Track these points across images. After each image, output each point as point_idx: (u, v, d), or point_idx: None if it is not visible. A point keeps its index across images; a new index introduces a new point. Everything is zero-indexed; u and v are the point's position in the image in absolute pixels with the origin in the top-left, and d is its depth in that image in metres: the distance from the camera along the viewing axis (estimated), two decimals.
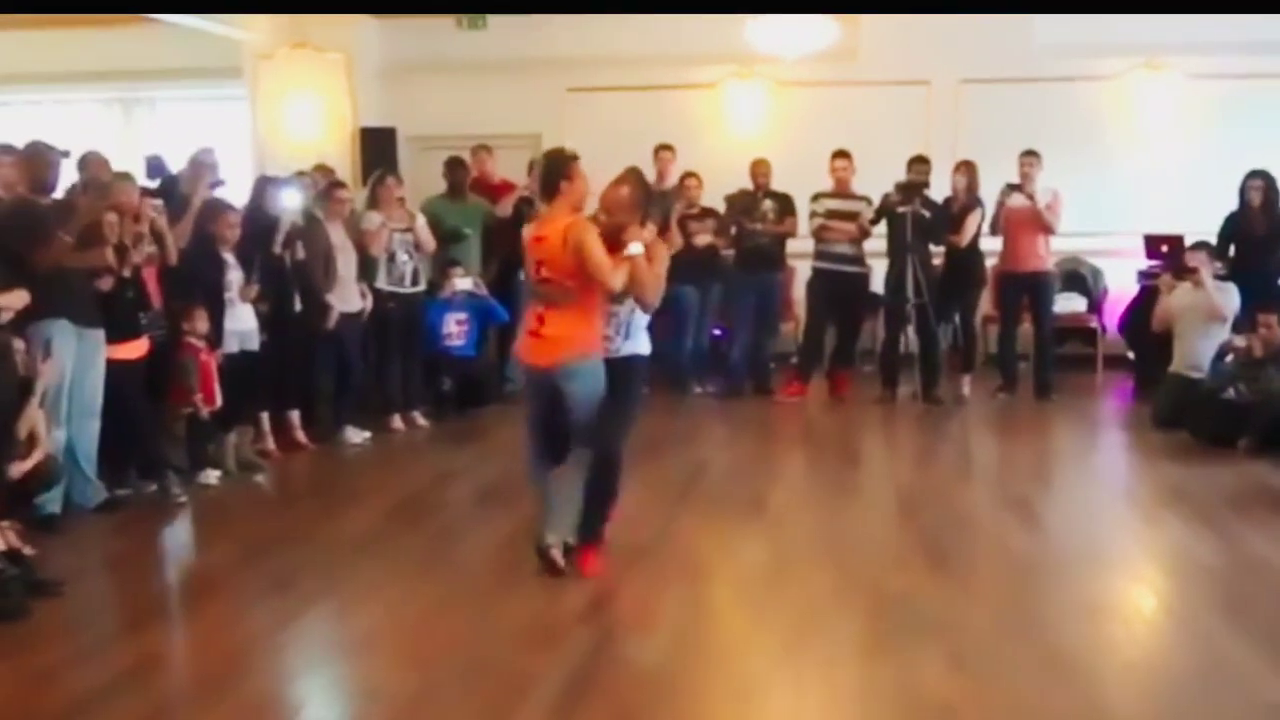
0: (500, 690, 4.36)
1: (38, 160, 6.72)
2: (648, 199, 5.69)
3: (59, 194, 7.01)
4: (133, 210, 7.22)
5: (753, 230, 10.33)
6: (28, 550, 5.81)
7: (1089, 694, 4.29)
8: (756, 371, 10.52)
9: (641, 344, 5.76)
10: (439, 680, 4.53)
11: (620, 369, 5.60)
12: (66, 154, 6.80)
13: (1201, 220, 9.88)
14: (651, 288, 5.51)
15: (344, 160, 11.44)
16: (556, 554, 5.53)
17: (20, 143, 7.08)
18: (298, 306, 8.35)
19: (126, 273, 6.99)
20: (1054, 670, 4.48)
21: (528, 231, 5.82)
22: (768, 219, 10.35)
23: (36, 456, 6.24)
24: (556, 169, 5.61)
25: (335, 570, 5.89)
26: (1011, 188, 9.87)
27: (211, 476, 7.54)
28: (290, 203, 8.28)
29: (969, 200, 9.89)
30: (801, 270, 10.70)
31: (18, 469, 6.17)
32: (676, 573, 5.74)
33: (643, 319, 5.71)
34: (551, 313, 5.47)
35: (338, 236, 8.67)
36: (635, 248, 5.41)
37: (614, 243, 5.42)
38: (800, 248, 10.55)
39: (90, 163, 7.76)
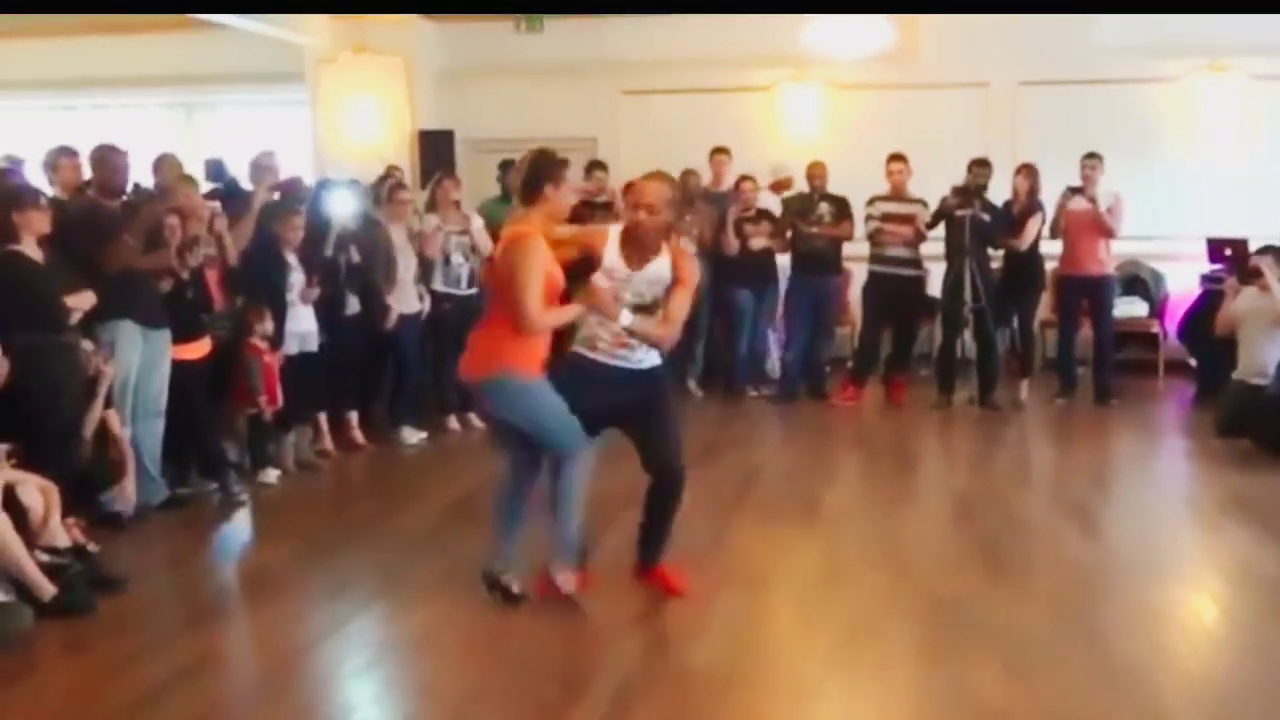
0: (554, 691, 4.38)
1: (105, 163, 6.85)
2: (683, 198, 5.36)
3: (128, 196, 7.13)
4: (193, 213, 7.33)
5: (809, 233, 10.31)
6: (92, 546, 5.91)
7: (1147, 705, 4.25)
8: (812, 375, 10.49)
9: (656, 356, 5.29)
10: (493, 681, 4.56)
11: (649, 383, 5.24)
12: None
13: (1266, 224, 9.78)
14: (660, 335, 5.08)
15: (403, 163, 11.53)
16: (512, 582, 5.23)
17: (85, 146, 7.22)
18: (353, 308, 8.44)
19: (185, 274, 7.09)
20: (1112, 680, 4.45)
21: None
22: (824, 222, 10.33)
23: (129, 480, 6.42)
24: (543, 171, 5.02)
25: (392, 570, 5.93)
26: (1073, 190, 9.78)
27: (271, 476, 7.64)
28: (342, 207, 8.37)
29: (1030, 204, 9.82)
30: (858, 274, 10.66)
31: (121, 497, 6.36)
32: (731, 576, 5.74)
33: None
34: (484, 321, 5.19)
35: (399, 238, 8.74)
36: (600, 279, 5.01)
37: (644, 249, 5.06)
38: (856, 251, 10.52)
39: (164, 165, 7.89)
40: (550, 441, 5.06)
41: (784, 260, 10.51)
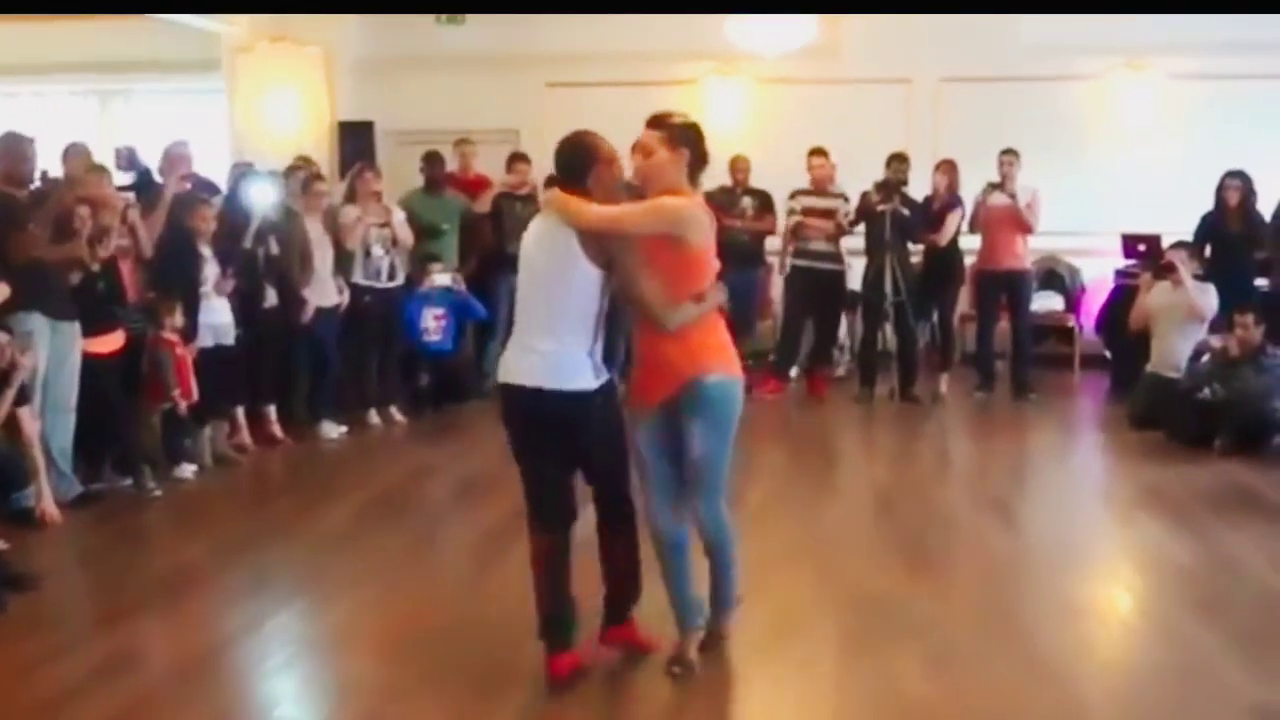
0: (475, 687, 4.35)
1: (12, 152, 6.68)
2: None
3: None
4: (105, 203, 7.18)
5: (731, 227, 10.32)
6: (1, 544, 5.78)
7: (1066, 694, 4.31)
8: None
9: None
10: (415, 677, 4.51)
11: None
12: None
13: (1179, 220, 9.91)
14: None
15: (322, 154, 11.38)
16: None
17: None
18: (271, 301, 8.33)
19: (96, 266, 6.94)
20: (1032, 670, 4.50)
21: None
22: (746, 215, 10.36)
23: (43, 480, 6.29)
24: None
25: (311, 566, 5.87)
26: (993, 186, 9.89)
27: (187, 471, 7.51)
28: (262, 198, 8.25)
29: (950, 199, 9.92)
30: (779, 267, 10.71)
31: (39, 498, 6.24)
32: (652, 571, 5.70)
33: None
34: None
35: (315, 230, 8.63)
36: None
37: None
38: (779, 244, 10.56)
39: (72, 154, 7.72)
40: (712, 478, 4.55)
41: None
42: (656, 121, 4.48)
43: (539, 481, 4.35)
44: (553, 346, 4.23)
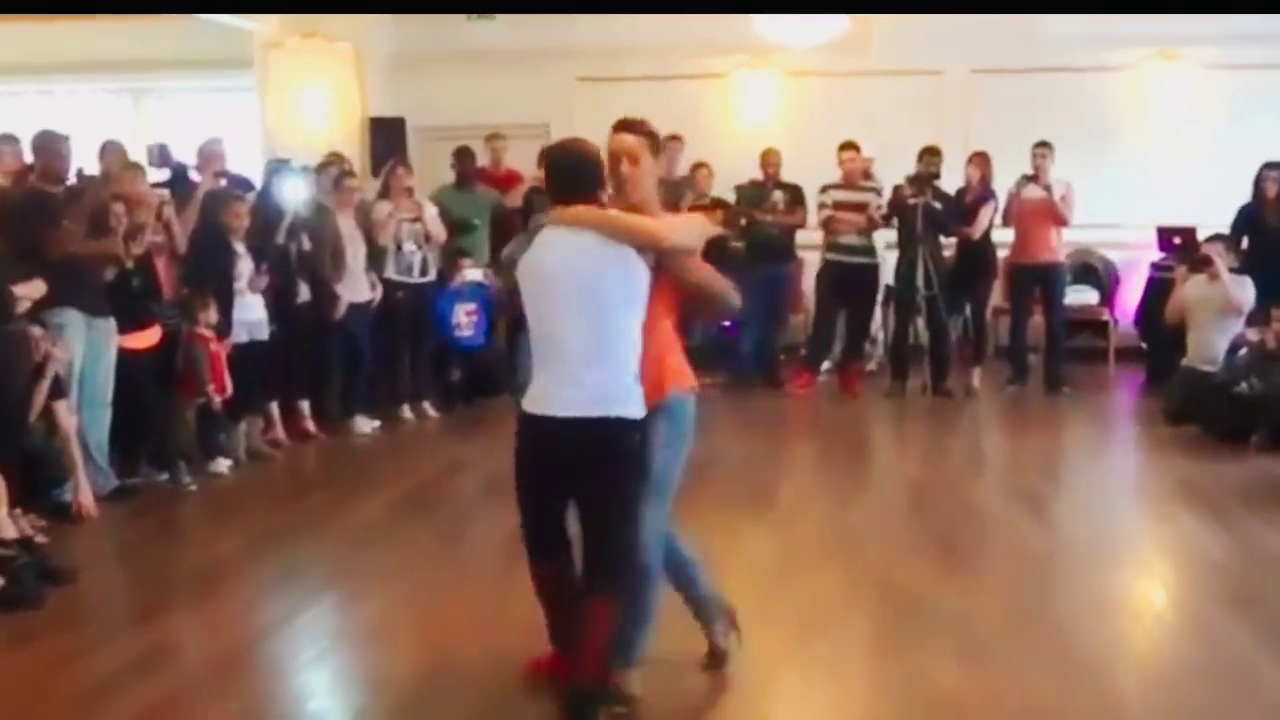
0: (507, 679, 4.35)
1: (48, 149, 6.75)
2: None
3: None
4: (140, 200, 7.24)
5: (762, 221, 10.32)
6: (40, 538, 5.84)
7: (1100, 690, 4.28)
8: (765, 363, 10.50)
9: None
10: (446, 670, 4.53)
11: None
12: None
13: (1215, 212, 9.84)
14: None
15: (353, 150, 11.41)
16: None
17: (29, 133, 7.10)
18: (304, 296, 8.37)
19: (130, 263, 6.99)
20: (1065, 666, 4.47)
21: None
22: (777, 209, 10.34)
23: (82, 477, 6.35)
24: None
25: (344, 560, 5.89)
26: (1026, 179, 9.83)
27: (222, 465, 7.56)
28: (294, 194, 8.29)
29: (983, 192, 9.87)
30: (811, 261, 10.68)
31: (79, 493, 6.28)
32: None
33: (534, 349, 4.03)
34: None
35: (347, 226, 8.67)
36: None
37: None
38: (811, 239, 10.54)
39: (108, 152, 7.78)
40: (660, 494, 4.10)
41: None
42: (633, 126, 4.12)
43: (545, 514, 4.03)
44: (607, 373, 3.86)
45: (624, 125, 4.12)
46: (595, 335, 3.86)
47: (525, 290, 3.95)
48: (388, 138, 11.86)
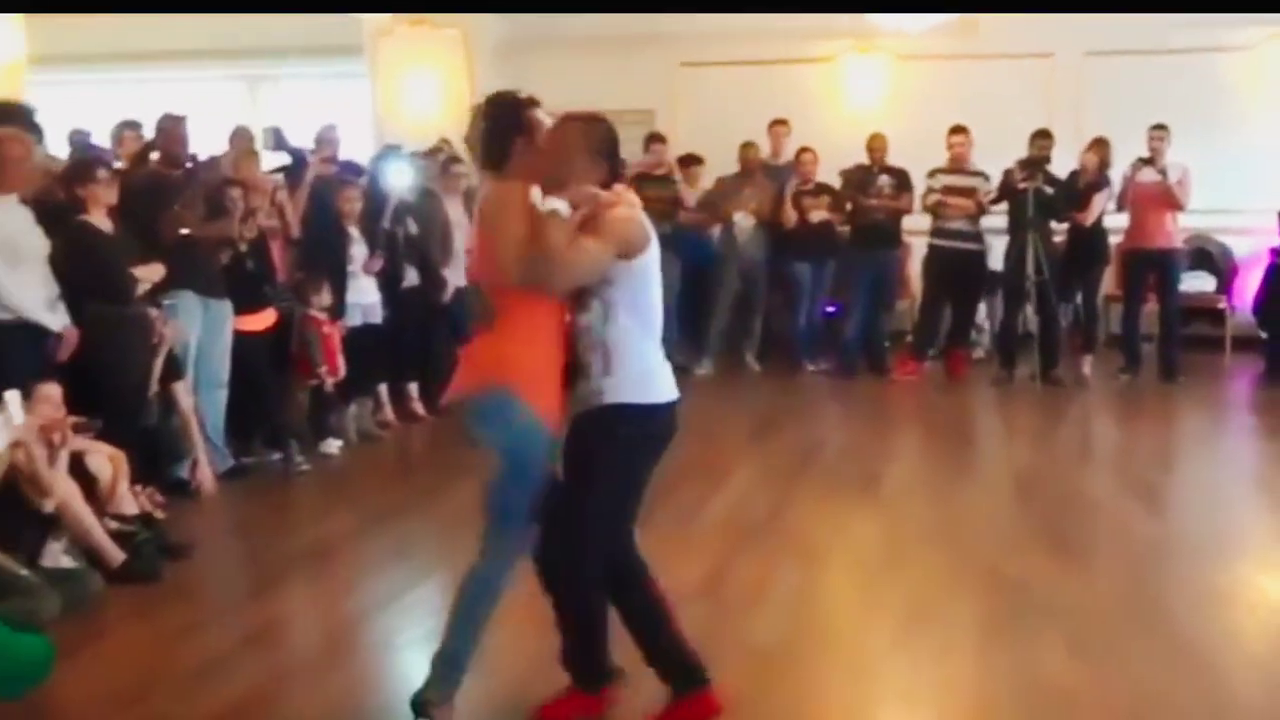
0: (617, 659, 4.38)
1: (167, 133, 6.92)
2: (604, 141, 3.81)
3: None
4: (255, 185, 7.39)
5: (868, 206, 10.24)
6: (159, 514, 6.00)
7: (1212, 685, 4.20)
8: (871, 350, 10.42)
9: (628, 381, 3.67)
10: (552, 653, 4.57)
11: (588, 427, 3.71)
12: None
13: None
14: (556, 263, 3.52)
15: (460, 136, 11.51)
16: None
17: (150, 120, 7.29)
18: (411, 280, 8.48)
19: (243, 246, 7.13)
20: (1177, 660, 4.39)
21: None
22: (883, 195, 10.25)
23: (202, 456, 6.55)
24: (512, 121, 3.76)
25: (451, 539, 5.92)
26: (1142, 162, 9.63)
27: (333, 446, 7.70)
28: (399, 179, 8.39)
29: (1097, 178, 9.68)
30: (917, 247, 10.57)
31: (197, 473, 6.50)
32: (790, 552, 5.72)
33: (640, 337, 3.71)
34: (481, 331, 3.87)
35: (455, 211, 8.76)
36: (551, 203, 3.54)
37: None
38: (915, 224, 10.43)
39: (237, 137, 7.96)
40: (503, 522, 3.82)
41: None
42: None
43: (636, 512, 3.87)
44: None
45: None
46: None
47: (649, 269, 3.73)
48: None
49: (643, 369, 3.71)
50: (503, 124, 3.75)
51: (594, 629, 3.90)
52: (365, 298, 8.05)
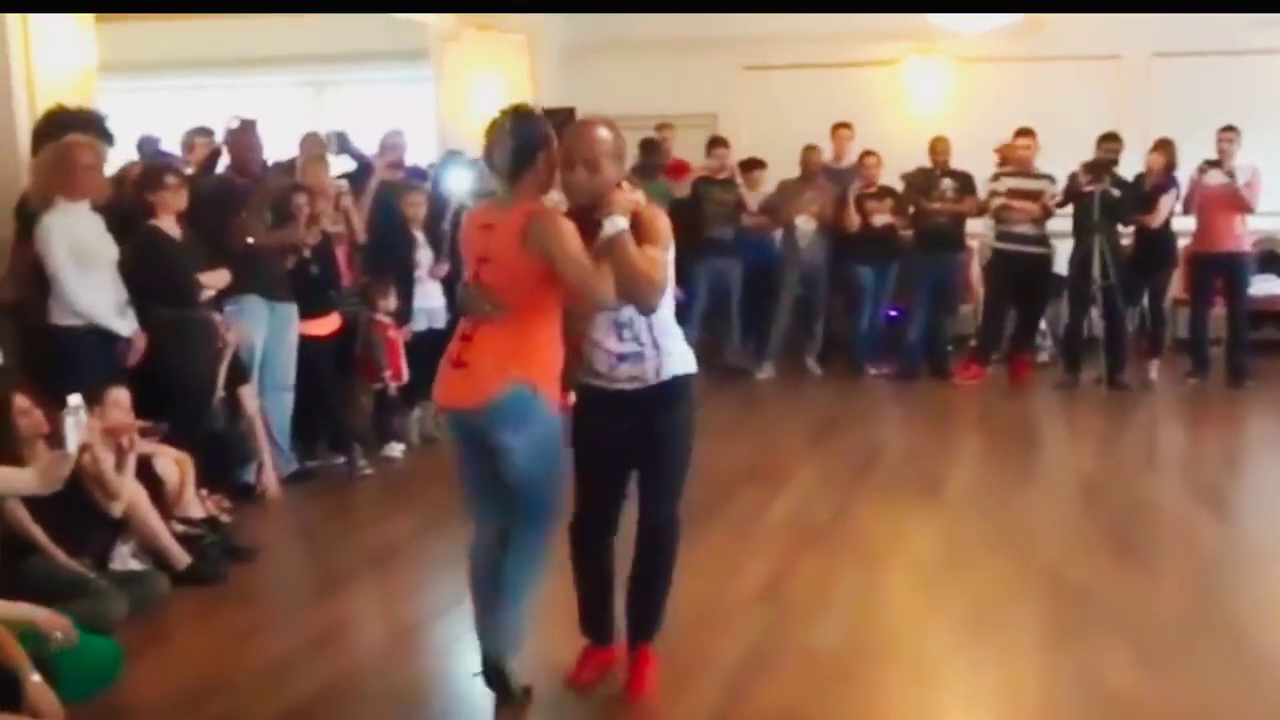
0: (675, 667, 4.38)
1: (241, 142, 7.01)
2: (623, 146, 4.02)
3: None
4: (321, 191, 7.47)
5: (931, 210, 10.18)
6: (225, 518, 6.08)
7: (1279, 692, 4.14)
8: (933, 353, 10.36)
9: (680, 354, 4.07)
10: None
11: (655, 404, 4.03)
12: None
13: None
14: (643, 279, 3.74)
15: None
16: (514, 671, 4.16)
17: (217, 126, 7.39)
18: None
19: (307, 252, 7.20)
20: (1245, 670, 4.34)
21: (470, 218, 4.27)
22: (946, 198, 10.18)
23: (267, 459, 6.66)
24: (538, 135, 3.99)
25: None
26: (1210, 164, 9.49)
27: (396, 450, 7.75)
28: (458, 183, 8.45)
29: (1164, 180, 9.56)
30: (980, 249, 10.51)
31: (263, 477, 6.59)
32: (851, 556, 5.70)
33: (672, 318, 4.07)
34: (483, 331, 3.92)
35: None
36: (617, 223, 3.75)
37: (587, 223, 3.83)
38: (974, 227, 10.37)
39: (307, 144, 8.06)
40: (537, 502, 4.01)
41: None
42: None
43: None
44: None
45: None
46: None
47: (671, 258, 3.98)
48: (559, 127, 11.92)
49: (684, 345, 4.11)
50: (529, 138, 3.95)
51: (605, 589, 4.32)
52: (431, 302, 8.11)
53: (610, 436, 4.05)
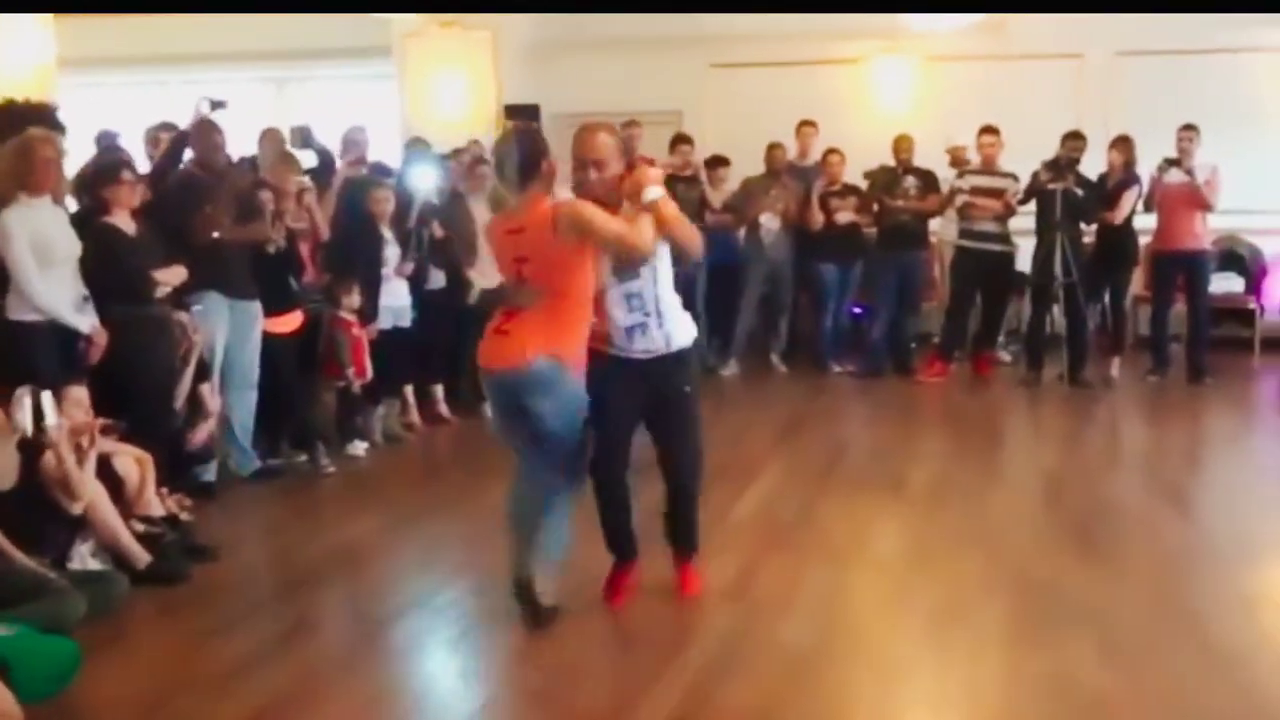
0: (643, 663, 4.38)
1: (204, 140, 6.94)
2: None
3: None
4: (284, 187, 7.41)
5: (895, 207, 10.20)
6: (185, 516, 6.02)
7: (1246, 688, 4.15)
8: (898, 351, 10.39)
9: (684, 327, 4.86)
10: (583, 652, 4.57)
11: (668, 370, 4.81)
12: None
13: None
14: (689, 227, 4.73)
15: (488, 138, 11.53)
16: (542, 592, 4.76)
17: (179, 122, 7.31)
18: (436, 283, 8.48)
19: (272, 249, 7.14)
20: (1209, 663, 4.35)
21: (495, 227, 4.91)
22: (909, 196, 10.21)
23: (207, 428, 6.53)
24: (539, 147, 4.70)
25: (479, 541, 5.95)
26: (1169, 163, 9.56)
27: (359, 448, 7.71)
28: (423, 180, 8.40)
29: (1126, 177, 9.62)
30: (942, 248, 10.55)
31: (197, 437, 6.47)
32: (817, 554, 5.70)
33: (673, 295, 4.81)
34: (524, 314, 4.58)
35: (480, 212, 8.76)
36: (655, 191, 4.52)
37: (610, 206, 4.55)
38: (937, 225, 10.41)
39: (266, 139, 7.98)
40: (564, 454, 4.68)
41: None
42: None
43: None
44: None
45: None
46: None
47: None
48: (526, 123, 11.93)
49: (685, 313, 4.85)
50: (532, 151, 4.63)
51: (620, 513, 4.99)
52: (397, 301, 8.06)
53: (627, 397, 4.70)
